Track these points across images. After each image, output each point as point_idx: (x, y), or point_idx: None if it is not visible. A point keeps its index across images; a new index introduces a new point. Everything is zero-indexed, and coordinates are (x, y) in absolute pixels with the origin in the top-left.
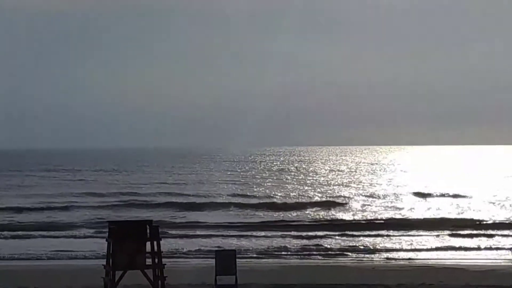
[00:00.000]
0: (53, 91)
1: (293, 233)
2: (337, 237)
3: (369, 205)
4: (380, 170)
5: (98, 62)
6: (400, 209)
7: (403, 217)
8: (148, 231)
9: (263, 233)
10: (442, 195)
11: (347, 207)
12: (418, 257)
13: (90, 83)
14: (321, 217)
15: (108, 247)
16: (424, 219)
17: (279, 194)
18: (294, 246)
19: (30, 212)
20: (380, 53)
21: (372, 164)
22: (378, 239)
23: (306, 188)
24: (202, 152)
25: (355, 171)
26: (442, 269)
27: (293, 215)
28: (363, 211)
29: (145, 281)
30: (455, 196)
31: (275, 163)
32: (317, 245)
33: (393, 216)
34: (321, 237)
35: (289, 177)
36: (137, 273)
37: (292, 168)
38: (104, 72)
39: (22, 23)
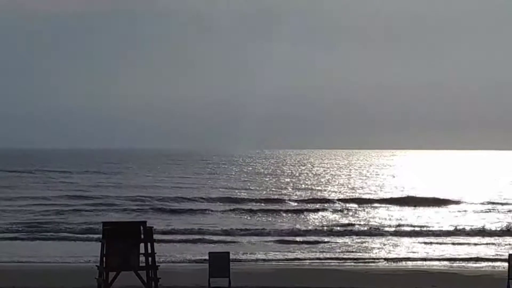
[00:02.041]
0: (46, 92)
1: (284, 237)
2: (328, 241)
3: (359, 209)
4: (379, 174)
5: (94, 63)
6: (392, 214)
7: (396, 221)
8: (142, 232)
9: (254, 237)
10: (431, 200)
11: (337, 211)
12: (411, 262)
13: (86, 83)
14: (312, 220)
15: (102, 248)
16: (416, 224)
17: (263, 198)
18: (286, 249)
19: (20, 213)
20: (383, 56)
21: (367, 166)
22: (371, 244)
23: (295, 191)
24: (196, 154)
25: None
26: (435, 274)
27: (281, 217)
28: (353, 214)
29: (139, 282)
30: (446, 201)
31: (264, 166)
32: (310, 248)
33: (385, 221)
34: (312, 241)
35: (274, 180)
36: (130, 274)
37: (277, 171)
38: (100, 73)
39: (15, 24)
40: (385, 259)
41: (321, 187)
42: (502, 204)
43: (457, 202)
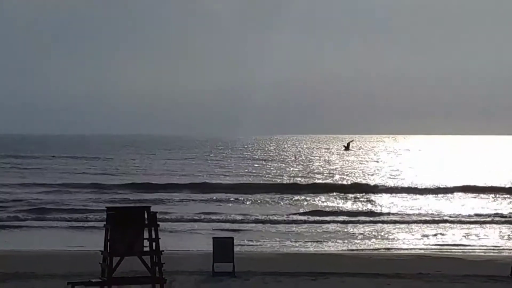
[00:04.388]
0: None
1: (286, 222)
2: (333, 226)
3: (362, 196)
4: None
5: (97, 52)
6: (396, 200)
7: (399, 207)
8: (146, 217)
9: (258, 224)
10: (433, 187)
11: (340, 196)
12: (415, 247)
13: (87, 72)
14: (316, 205)
15: (106, 233)
16: (420, 209)
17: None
18: (290, 233)
19: (25, 200)
20: (383, 46)
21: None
22: (375, 229)
23: (295, 175)
24: (202, 140)
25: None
26: (439, 259)
27: (283, 202)
28: (358, 200)
29: (143, 267)
30: (450, 187)
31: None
32: (314, 233)
33: (389, 206)
34: (318, 224)
35: (262, 165)
36: (134, 259)
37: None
38: (102, 63)
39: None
40: (389, 242)
41: (321, 173)
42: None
43: (462, 189)
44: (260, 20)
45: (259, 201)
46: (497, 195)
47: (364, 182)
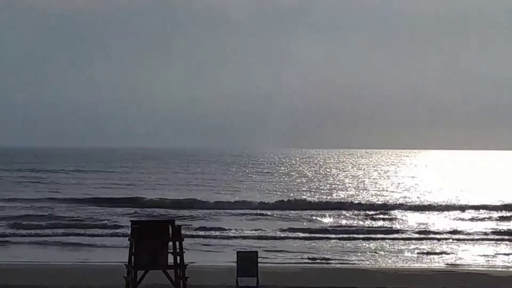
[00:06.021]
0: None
1: (308, 238)
2: (358, 241)
3: (386, 209)
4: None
5: (108, 62)
6: (420, 214)
7: (422, 224)
8: (170, 231)
9: (281, 240)
10: (457, 205)
11: (363, 212)
12: (440, 262)
13: (100, 82)
14: (338, 221)
15: (131, 247)
16: (442, 225)
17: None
18: (313, 248)
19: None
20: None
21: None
22: (398, 244)
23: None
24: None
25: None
26: (463, 274)
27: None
28: (380, 216)
29: (167, 281)
30: (472, 205)
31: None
32: (337, 247)
33: (414, 221)
34: (340, 240)
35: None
36: (159, 272)
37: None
38: (118, 73)
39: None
40: (415, 257)
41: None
42: None
43: (484, 206)
44: (280, 28)
45: (282, 217)
46: None
47: (384, 198)
